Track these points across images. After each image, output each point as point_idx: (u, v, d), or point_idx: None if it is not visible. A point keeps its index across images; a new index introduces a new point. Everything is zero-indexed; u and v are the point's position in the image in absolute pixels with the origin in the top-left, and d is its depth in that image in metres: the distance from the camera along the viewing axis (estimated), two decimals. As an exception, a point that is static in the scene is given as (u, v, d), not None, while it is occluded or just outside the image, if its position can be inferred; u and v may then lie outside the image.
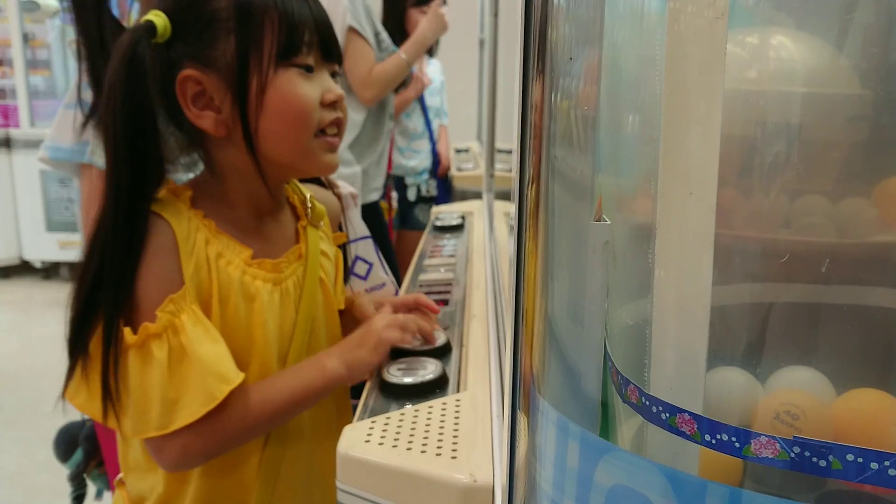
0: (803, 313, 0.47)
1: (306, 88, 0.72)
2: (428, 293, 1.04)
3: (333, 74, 0.77)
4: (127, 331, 0.66)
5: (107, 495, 1.16)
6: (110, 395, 0.67)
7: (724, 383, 0.46)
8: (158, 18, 0.68)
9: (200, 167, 0.77)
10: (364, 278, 0.99)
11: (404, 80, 2.35)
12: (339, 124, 0.76)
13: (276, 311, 0.75)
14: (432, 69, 2.65)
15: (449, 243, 1.34)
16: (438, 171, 2.70)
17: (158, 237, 0.68)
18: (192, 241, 0.70)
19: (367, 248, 0.99)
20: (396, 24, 2.25)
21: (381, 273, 1.00)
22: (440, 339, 0.81)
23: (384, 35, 1.92)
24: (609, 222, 0.35)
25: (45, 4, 3.92)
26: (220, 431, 0.68)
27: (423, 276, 1.12)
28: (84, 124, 0.84)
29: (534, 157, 0.36)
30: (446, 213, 1.58)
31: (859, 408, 0.43)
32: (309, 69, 0.73)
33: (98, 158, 0.83)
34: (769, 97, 0.43)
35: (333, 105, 0.75)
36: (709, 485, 0.25)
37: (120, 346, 0.66)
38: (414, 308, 0.86)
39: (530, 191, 0.36)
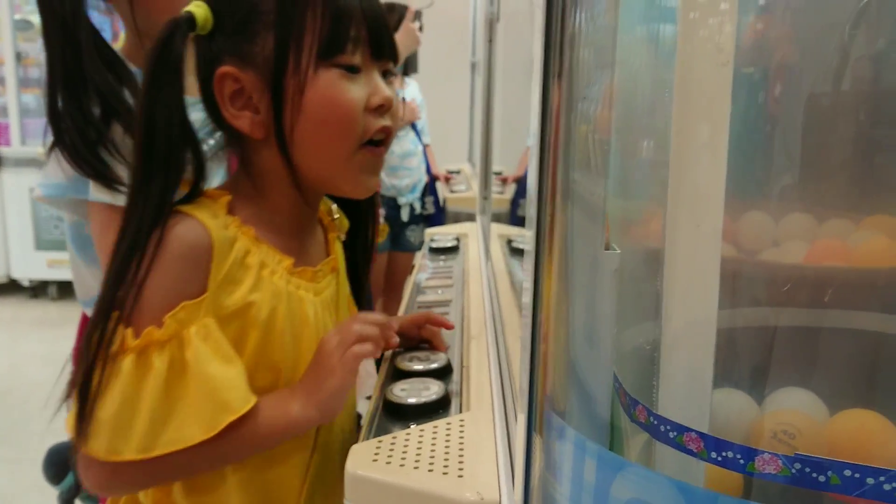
0: (799, 337, 0.49)
1: (350, 91, 0.65)
2: (426, 314, 1.06)
3: (386, 73, 0.70)
4: (128, 332, 0.59)
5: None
6: (86, 404, 0.58)
7: (724, 403, 0.48)
8: (199, 9, 0.64)
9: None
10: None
11: None
12: (387, 133, 0.69)
13: (320, 323, 0.71)
14: (412, 90, 2.69)
15: (445, 265, 1.36)
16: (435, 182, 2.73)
17: (187, 237, 0.62)
18: (230, 247, 0.64)
19: None
20: None
21: None
22: (441, 360, 0.83)
23: None
24: (619, 251, 0.37)
25: (39, 23, 3.93)
26: (168, 466, 0.62)
27: (421, 298, 1.14)
28: (72, 159, 0.77)
29: (550, 181, 0.38)
30: (441, 235, 1.60)
31: (852, 427, 0.45)
32: (354, 69, 0.66)
33: (102, 195, 0.78)
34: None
35: (380, 109, 0.68)
36: (720, 498, 0.27)
37: (115, 347, 0.59)
38: (423, 324, 0.87)
39: (547, 214, 0.38)
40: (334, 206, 0.81)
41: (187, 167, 0.66)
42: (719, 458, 0.32)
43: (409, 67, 2.59)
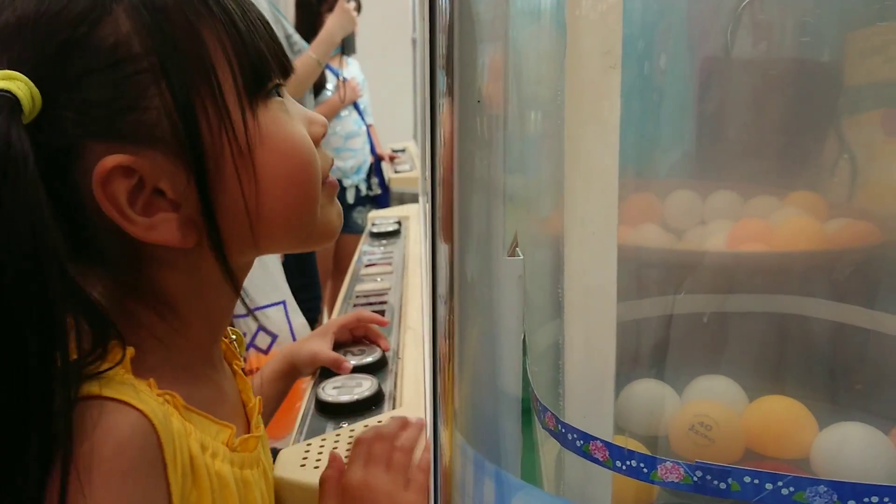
0: (712, 323, 0.49)
1: (296, 123, 0.47)
2: (364, 304, 1.04)
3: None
4: None
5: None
6: None
7: (643, 395, 0.48)
8: (15, 83, 0.38)
9: None
10: (265, 352, 0.95)
11: (322, 84, 2.34)
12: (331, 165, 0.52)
13: (266, 500, 0.52)
14: (352, 69, 2.64)
15: (385, 250, 1.34)
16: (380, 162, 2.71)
17: (133, 441, 0.39)
18: (173, 438, 0.42)
19: (276, 317, 0.95)
20: (310, 29, 2.22)
21: (289, 341, 0.96)
22: (376, 354, 0.81)
23: (296, 37, 1.90)
24: (522, 257, 0.36)
25: None
26: None
27: (359, 287, 1.12)
28: None
29: (444, 159, 0.36)
30: (382, 218, 1.58)
31: (768, 417, 0.45)
32: (281, 91, 0.48)
33: None
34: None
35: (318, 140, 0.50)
36: (613, 520, 0.26)
37: None
38: (356, 326, 0.86)
39: (441, 195, 0.36)
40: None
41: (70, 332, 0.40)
42: (624, 468, 0.32)
43: (348, 48, 2.54)
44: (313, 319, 2.08)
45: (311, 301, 1.87)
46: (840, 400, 0.48)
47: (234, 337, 0.58)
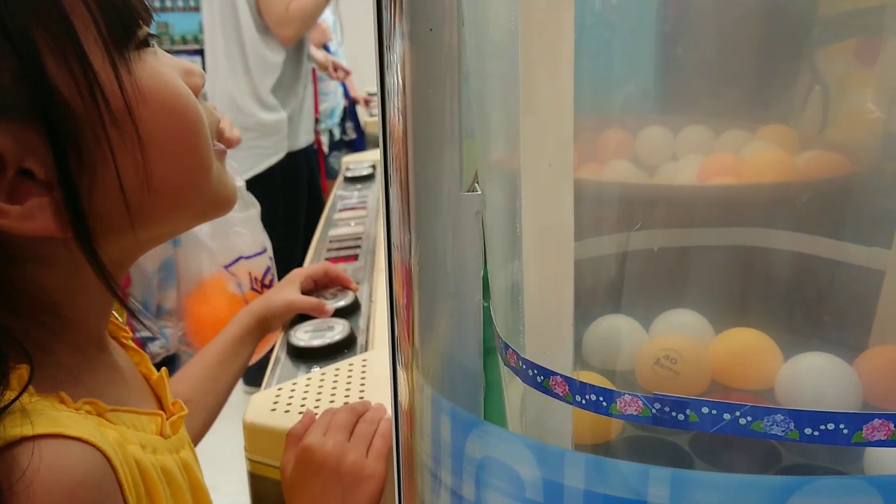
0: (681, 257, 0.49)
1: (175, 75, 0.41)
2: (338, 248, 1.03)
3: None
4: None
5: None
6: None
7: (611, 330, 0.48)
8: None
9: None
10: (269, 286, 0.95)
11: None
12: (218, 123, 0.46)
13: (193, 475, 0.48)
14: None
15: (360, 195, 1.33)
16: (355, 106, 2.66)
17: (88, 483, 0.34)
18: (118, 455, 0.37)
19: (259, 263, 0.94)
20: None
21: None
22: (348, 298, 0.81)
23: None
24: (480, 192, 0.35)
25: None
26: None
27: (332, 232, 1.11)
28: None
29: (400, 100, 0.35)
30: (356, 163, 1.56)
31: (733, 349, 0.45)
32: (148, 42, 0.40)
33: None
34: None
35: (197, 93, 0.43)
36: (566, 453, 0.26)
37: None
38: (321, 277, 0.85)
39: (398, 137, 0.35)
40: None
41: None
42: (583, 402, 0.32)
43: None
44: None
45: (292, 249, 1.86)
46: (807, 331, 0.49)
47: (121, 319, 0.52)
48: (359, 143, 2.58)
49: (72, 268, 0.38)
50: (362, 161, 1.57)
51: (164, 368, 0.50)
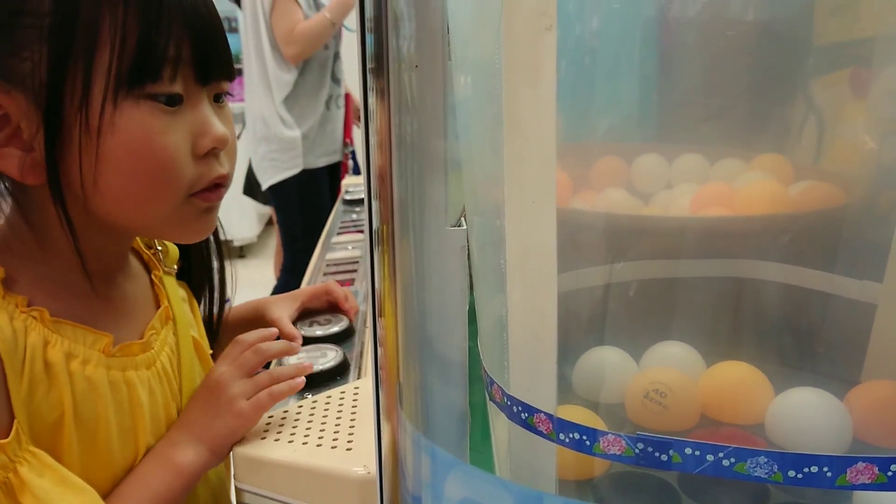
0: (673, 288, 0.49)
1: (170, 133, 0.48)
2: (335, 273, 1.03)
3: (218, 97, 0.53)
4: None
5: None
6: None
7: (601, 362, 0.48)
8: None
9: None
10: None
11: None
12: (222, 183, 0.53)
13: (156, 402, 0.57)
14: None
15: (358, 217, 1.33)
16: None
17: None
18: (22, 350, 0.47)
19: None
20: None
21: None
22: (343, 324, 0.80)
23: None
24: (465, 227, 0.35)
25: None
26: None
27: (330, 255, 1.11)
28: None
29: (381, 123, 0.35)
30: (355, 185, 1.56)
31: (723, 383, 0.45)
32: (174, 100, 0.48)
33: None
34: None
35: (213, 153, 0.51)
36: (545, 497, 0.26)
37: None
38: (324, 297, 0.85)
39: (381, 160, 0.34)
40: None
41: None
42: (567, 440, 0.31)
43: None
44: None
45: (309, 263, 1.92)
46: (799, 364, 0.48)
47: (160, 248, 0.63)
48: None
49: (51, 209, 0.49)
50: (361, 184, 1.58)
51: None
